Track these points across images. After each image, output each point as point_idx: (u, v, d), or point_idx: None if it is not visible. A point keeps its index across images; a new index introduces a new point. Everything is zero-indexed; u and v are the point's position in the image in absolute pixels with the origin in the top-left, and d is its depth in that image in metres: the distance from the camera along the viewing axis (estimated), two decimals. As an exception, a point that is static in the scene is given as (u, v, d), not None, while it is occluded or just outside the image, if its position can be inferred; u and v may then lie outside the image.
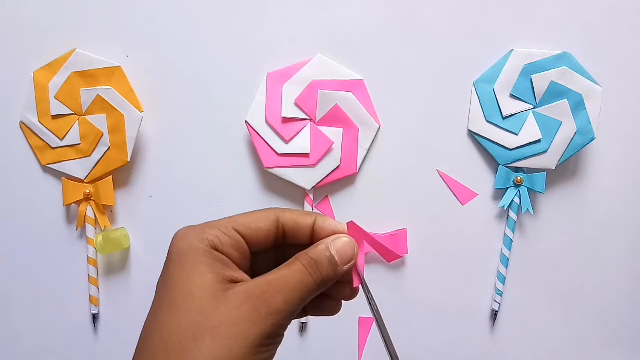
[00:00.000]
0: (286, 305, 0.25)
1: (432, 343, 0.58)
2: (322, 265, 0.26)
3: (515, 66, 0.52)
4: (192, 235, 0.26)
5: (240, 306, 0.24)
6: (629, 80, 0.53)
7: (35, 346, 0.59)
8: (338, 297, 0.30)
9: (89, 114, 0.53)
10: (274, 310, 0.24)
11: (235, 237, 0.26)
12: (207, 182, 0.56)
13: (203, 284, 0.24)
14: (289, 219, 0.28)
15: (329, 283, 0.27)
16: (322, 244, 0.27)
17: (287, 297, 0.25)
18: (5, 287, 0.58)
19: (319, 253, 0.27)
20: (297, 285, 0.26)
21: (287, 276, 0.26)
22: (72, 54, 0.53)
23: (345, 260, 0.27)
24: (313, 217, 0.28)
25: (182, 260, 0.25)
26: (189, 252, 0.25)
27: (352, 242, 0.28)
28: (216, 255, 0.25)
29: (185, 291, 0.24)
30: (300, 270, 0.26)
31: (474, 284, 0.57)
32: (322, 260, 0.27)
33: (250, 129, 0.53)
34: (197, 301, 0.24)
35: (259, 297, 0.24)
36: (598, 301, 0.57)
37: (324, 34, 0.53)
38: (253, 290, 0.25)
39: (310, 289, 0.26)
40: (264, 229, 0.27)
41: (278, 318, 0.25)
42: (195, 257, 0.25)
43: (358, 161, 0.54)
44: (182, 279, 0.25)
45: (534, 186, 0.53)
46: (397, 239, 0.55)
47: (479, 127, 0.53)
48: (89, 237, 0.56)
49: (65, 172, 0.55)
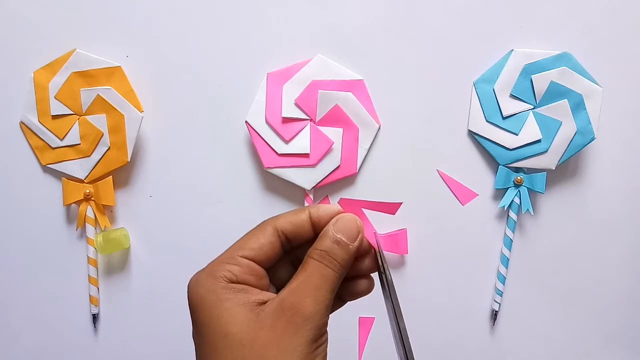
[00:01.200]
0: (317, 305, 0.25)
1: (432, 343, 0.58)
2: (334, 252, 0.27)
3: (515, 66, 0.52)
4: (205, 278, 0.26)
5: (275, 324, 0.24)
6: (629, 80, 0.53)
7: (35, 346, 0.59)
8: (365, 272, 0.30)
9: (89, 114, 0.53)
10: (307, 315, 0.25)
11: (245, 264, 0.27)
12: (207, 182, 0.56)
13: (235, 319, 0.24)
14: (285, 224, 0.28)
15: (348, 265, 0.27)
16: (325, 233, 0.27)
17: (315, 297, 0.25)
18: (5, 287, 0.58)
19: (326, 243, 0.27)
20: (320, 282, 0.26)
21: (306, 278, 0.26)
22: (72, 54, 0.53)
23: (352, 237, 0.27)
24: (306, 211, 0.28)
25: (206, 305, 0.25)
26: (209, 296, 0.25)
27: (352, 218, 0.28)
28: (234, 287, 0.26)
29: (221, 332, 0.24)
30: (316, 267, 0.26)
31: (474, 284, 0.57)
32: (331, 248, 0.27)
33: (250, 129, 0.53)
34: (235, 337, 0.24)
35: (289, 309, 0.25)
36: (598, 301, 0.57)
37: (324, 34, 0.53)
38: (281, 305, 0.25)
39: (333, 279, 0.26)
40: (268, 244, 0.27)
41: (315, 320, 0.25)
42: (216, 297, 0.25)
43: (358, 161, 0.54)
44: (213, 322, 0.25)
45: (534, 186, 0.53)
46: (397, 239, 0.54)
47: (479, 127, 0.53)
48: (89, 237, 0.56)
49: (65, 172, 0.55)
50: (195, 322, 0.26)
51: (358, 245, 0.28)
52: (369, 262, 0.30)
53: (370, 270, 0.30)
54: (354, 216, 0.28)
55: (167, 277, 0.57)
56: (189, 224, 0.56)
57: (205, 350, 0.25)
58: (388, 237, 0.55)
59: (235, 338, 0.24)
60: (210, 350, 0.24)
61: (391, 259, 0.57)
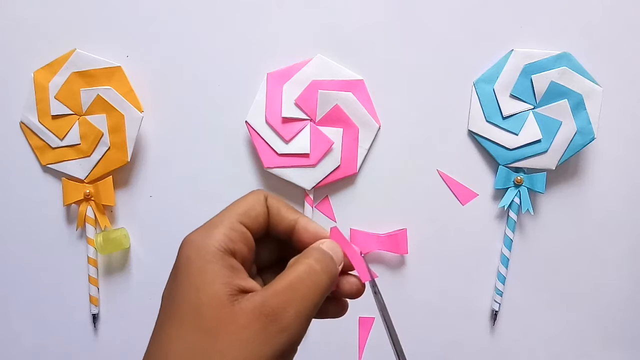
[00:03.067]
0: (298, 319, 0.23)
1: (432, 343, 0.58)
2: (329, 263, 0.26)
3: (515, 66, 0.52)
4: (200, 238, 0.25)
5: (249, 326, 0.22)
6: (629, 80, 0.53)
7: (35, 346, 0.59)
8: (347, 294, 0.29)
9: (89, 114, 0.53)
10: (285, 327, 0.23)
11: (242, 231, 0.25)
12: (207, 182, 0.56)
13: (210, 299, 0.23)
14: (274, 206, 0.27)
15: (334, 280, 0.26)
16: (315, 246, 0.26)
17: (298, 308, 0.23)
18: (5, 287, 0.58)
19: (319, 251, 0.26)
20: (308, 292, 0.24)
21: (295, 283, 0.24)
22: (72, 54, 0.53)
23: (339, 260, 0.27)
24: (297, 215, 0.28)
25: (189, 269, 0.24)
26: (196, 260, 0.24)
27: (337, 245, 0.28)
28: (225, 260, 0.24)
29: (193, 307, 0.23)
30: (309, 270, 0.25)
31: (474, 284, 0.57)
32: (327, 258, 0.26)
33: (250, 129, 0.53)
34: (204, 320, 0.22)
35: (269, 315, 0.23)
36: (598, 301, 0.57)
37: (324, 34, 0.53)
38: (262, 307, 0.23)
39: (323, 288, 0.25)
40: (262, 214, 0.27)
41: (290, 334, 0.23)
42: (202, 265, 0.24)
43: (358, 161, 0.54)
44: (189, 292, 0.23)
45: (534, 186, 0.53)
46: (397, 239, 0.54)
47: (479, 127, 0.53)
48: (89, 237, 0.56)
49: (65, 172, 0.55)
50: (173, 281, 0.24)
51: (339, 270, 0.27)
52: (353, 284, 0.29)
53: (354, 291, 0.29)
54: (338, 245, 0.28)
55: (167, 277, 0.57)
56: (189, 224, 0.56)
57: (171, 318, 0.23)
58: (388, 237, 0.55)
59: (203, 321, 0.22)
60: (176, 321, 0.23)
61: (391, 259, 0.57)
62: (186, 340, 0.22)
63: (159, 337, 0.23)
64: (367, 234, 0.55)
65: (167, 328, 0.23)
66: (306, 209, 0.55)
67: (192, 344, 0.22)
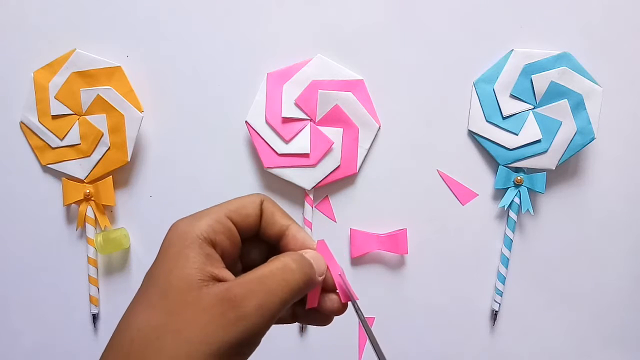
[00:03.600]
0: (260, 310, 0.23)
1: (432, 343, 0.58)
2: (307, 267, 0.26)
3: (515, 66, 0.52)
4: (185, 225, 0.26)
5: (209, 309, 0.23)
6: (629, 80, 0.53)
7: (35, 346, 0.59)
8: (326, 310, 0.28)
9: (89, 114, 0.53)
10: (242, 316, 0.23)
11: (227, 225, 0.26)
12: (207, 182, 0.56)
13: (179, 282, 0.23)
14: (269, 210, 0.28)
15: (308, 289, 0.26)
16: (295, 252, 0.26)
17: (263, 301, 0.23)
18: (5, 287, 0.58)
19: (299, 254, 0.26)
20: (277, 286, 0.24)
21: (265, 276, 0.24)
22: (72, 54, 0.53)
23: (320, 272, 0.27)
24: (290, 222, 0.28)
25: (168, 252, 0.25)
26: (176, 244, 0.25)
27: (321, 257, 0.27)
28: (204, 248, 0.24)
29: (162, 287, 0.24)
30: (283, 267, 0.25)
31: (474, 284, 0.57)
32: (306, 262, 0.26)
33: (250, 129, 0.53)
34: (169, 300, 0.23)
35: (230, 300, 0.23)
36: (598, 301, 0.57)
37: (324, 34, 0.53)
38: (225, 293, 0.23)
39: (294, 287, 0.25)
40: (253, 215, 0.27)
41: (248, 324, 0.23)
42: (180, 249, 0.24)
43: (358, 161, 0.54)
44: (163, 273, 0.24)
45: (534, 186, 0.53)
46: (397, 239, 0.54)
47: (479, 127, 0.53)
48: (89, 237, 0.56)
49: (65, 172, 0.55)
50: (154, 262, 0.25)
51: (321, 281, 0.27)
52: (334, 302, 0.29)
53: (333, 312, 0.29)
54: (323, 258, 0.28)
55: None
56: (189, 224, 0.56)
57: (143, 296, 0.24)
58: (388, 237, 0.55)
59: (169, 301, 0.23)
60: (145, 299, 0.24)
61: (391, 259, 0.57)
62: (149, 317, 0.23)
63: (128, 311, 0.24)
64: (367, 234, 0.55)
65: (137, 305, 0.24)
66: (306, 209, 0.55)
67: (154, 321, 0.23)
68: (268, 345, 0.27)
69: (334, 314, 0.29)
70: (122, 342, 0.23)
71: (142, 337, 0.23)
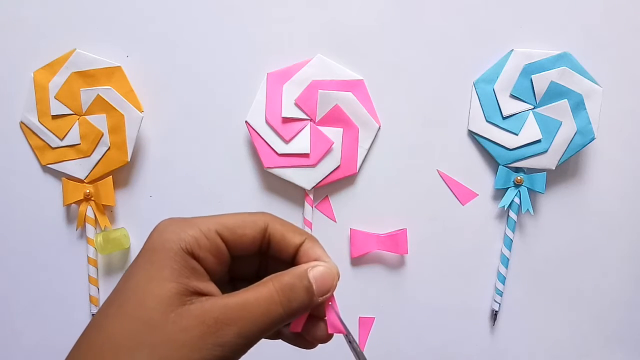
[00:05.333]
0: (239, 339, 0.23)
1: (432, 343, 0.58)
2: (297, 293, 0.24)
3: (515, 66, 0.52)
4: (171, 231, 0.24)
5: (188, 329, 0.22)
6: (629, 80, 0.53)
7: (35, 346, 0.59)
8: (310, 337, 0.27)
9: (89, 114, 0.53)
10: (221, 343, 0.22)
11: (215, 242, 0.25)
12: (207, 182, 0.56)
13: (160, 293, 0.22)
14: (278, 232, 0.26)
15: (300, 313, 0.25)
16: (300, 268, 0.25)
17: (242, 329, 0.23)
18: (6, 287, 0.58)
19: (295, 278, 0.24)
20: (259, 317, 0.23)
21: (249, 303, 0.23)
22: (72, 54, 0.53)
23: (322, 291, 0.25)
24: (303, 237, 0.26)
25: (150, 258, 0.24)
26: (159, 251, 0.24)
27: (333, 272, 0.25)
28: (187, 261, 0.24)
29: (140, 295, 0.23)
30: (268, 297, 0.24)
31: (474, 284, 0.57)
32: (297, 287, 0.24)
33: (250, 129, 0.53)
34: (148, 310, 0.22)
35: (210, 325, 0.22)
36: (598, 301, 0.57)
37: (324, 34, 0.53)
38: (206, 315, 0.22)
39: (275, 319, 0.24)
40: (250, 236, 0.25)
41: (226, 351, 0.22)
42: (163, 259, 0.23)
43: (358, 161, 0.54)
44: (142, 280, 0.23)
45: (534, 186, 0.53)
46: (397, 239, 0.54)
47: (479, 127, 0.53)
48: (89, 237, 0.56)
49: (65, 172, 0.55)
50: (133, 265, 0.24)
51: (321, 302, 0.25)
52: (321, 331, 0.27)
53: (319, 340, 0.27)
54: (335, 270, 0.26)
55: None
56: (189, 224, 0.56)
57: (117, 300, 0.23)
58: (388, 237, 0.55)
59: (146, 311, 0.22)
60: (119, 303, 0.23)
61: (391, 259, 0.57)
62: (123, 325, 0.22)
63: (100, 315, 0.23)
64: (367, 234, 0.55)
65: (111, 306, 0.23)
66: (306, 209, 0.55)
67: (129, 329, 0.22)
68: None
69: (317, 342, 0.28)
70: (91, 344, 0.22)
71: (113, 344, 0.22)
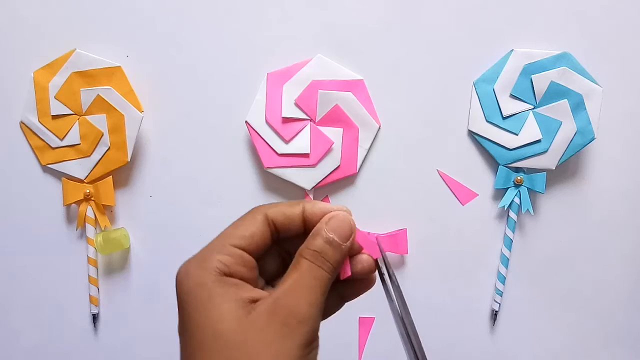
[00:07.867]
0: (312, 307, 0.24)
1: (432, 343, 0.58)
2: (326, 253, 0.25)
3: (515, 66, 0.52)
4: (195, 269, 0.25)
5: (267, 326, 0.23)
6: (629, 80, 0.53)
7: (35, 346, 0.59)
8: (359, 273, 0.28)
9: (89, 114, 0.53)
10: (302, 318, 0.24)
11: (237, 254, 0.25)
12: (207, 182, 0.56)
13: (225, 316, 0.23)
14: (277, 213, 0.27)
15: (340, 266, 0.26)
16: (317, 232, 0.26)
17: (310, 299, 0.24)
18: (5, 287, 0.58)
19: (318, 242, 0.26)
20: (313, 284, 0.25)
21: (299, 279, 0.25)
22: (72, 54, 0.53)
23: (345, 237, 0.26)
24: (301, 205, 0.27)
25: (195, 299, 0.24)
26: (198, 289, 0.24)
27: (345, 216, 0.27)
28: (226, 280, 0.24)
29: (209, 330, 0.23)
30: (309, 268, 0.25)
31: (474, 284, 0.57)
32: (324, 248, 0.25)
33: (250, 129, 0.53)
34: (224, 337, 0.23)
35: (283, 310, 0.24)
36: (598, 301, 0.57)
37: (324, 34, 0.53)
38: (274, 306, 0.24)
39: (326, 280, 0.25)
40: (258, 233, 0.26)
41: (310, 323, 0.24)
42: (206, 291, 0.24)
43: (358, 161, 0.54)
44: (201, 319, 0.24)
45: (534, 186, 0.53)
46: (397, 239, 0.54)
47: (479, 127, 0.53)
48: (89, 237, 0.56)
49: (65, 172, 0.55)
50: (182, 316, 0.24)
51: (350, 245, 0.27)
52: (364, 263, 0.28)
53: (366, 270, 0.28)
54: (347, 215, 0.27)
55: (167, 277, 0.57)
56: (189, 224, 0.56)
57: (192, 349, 0.24)
58: (388, 237, 0.55)
59: (224, 338, 0.23)
60: (197, 349, 0.23)
61: (391, 259, 0.57)
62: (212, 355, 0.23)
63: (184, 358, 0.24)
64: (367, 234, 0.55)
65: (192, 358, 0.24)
66: (306, 209, 0.55)
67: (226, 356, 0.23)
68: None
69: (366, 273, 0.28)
70: None
71: None
